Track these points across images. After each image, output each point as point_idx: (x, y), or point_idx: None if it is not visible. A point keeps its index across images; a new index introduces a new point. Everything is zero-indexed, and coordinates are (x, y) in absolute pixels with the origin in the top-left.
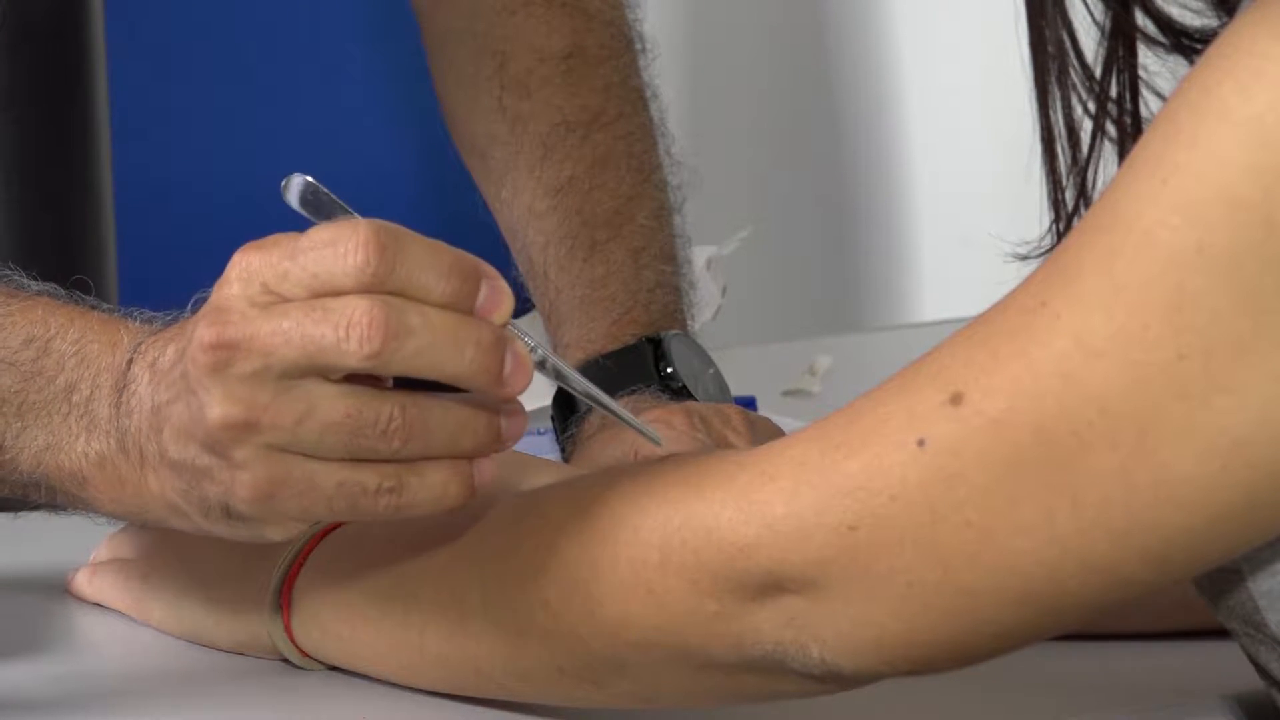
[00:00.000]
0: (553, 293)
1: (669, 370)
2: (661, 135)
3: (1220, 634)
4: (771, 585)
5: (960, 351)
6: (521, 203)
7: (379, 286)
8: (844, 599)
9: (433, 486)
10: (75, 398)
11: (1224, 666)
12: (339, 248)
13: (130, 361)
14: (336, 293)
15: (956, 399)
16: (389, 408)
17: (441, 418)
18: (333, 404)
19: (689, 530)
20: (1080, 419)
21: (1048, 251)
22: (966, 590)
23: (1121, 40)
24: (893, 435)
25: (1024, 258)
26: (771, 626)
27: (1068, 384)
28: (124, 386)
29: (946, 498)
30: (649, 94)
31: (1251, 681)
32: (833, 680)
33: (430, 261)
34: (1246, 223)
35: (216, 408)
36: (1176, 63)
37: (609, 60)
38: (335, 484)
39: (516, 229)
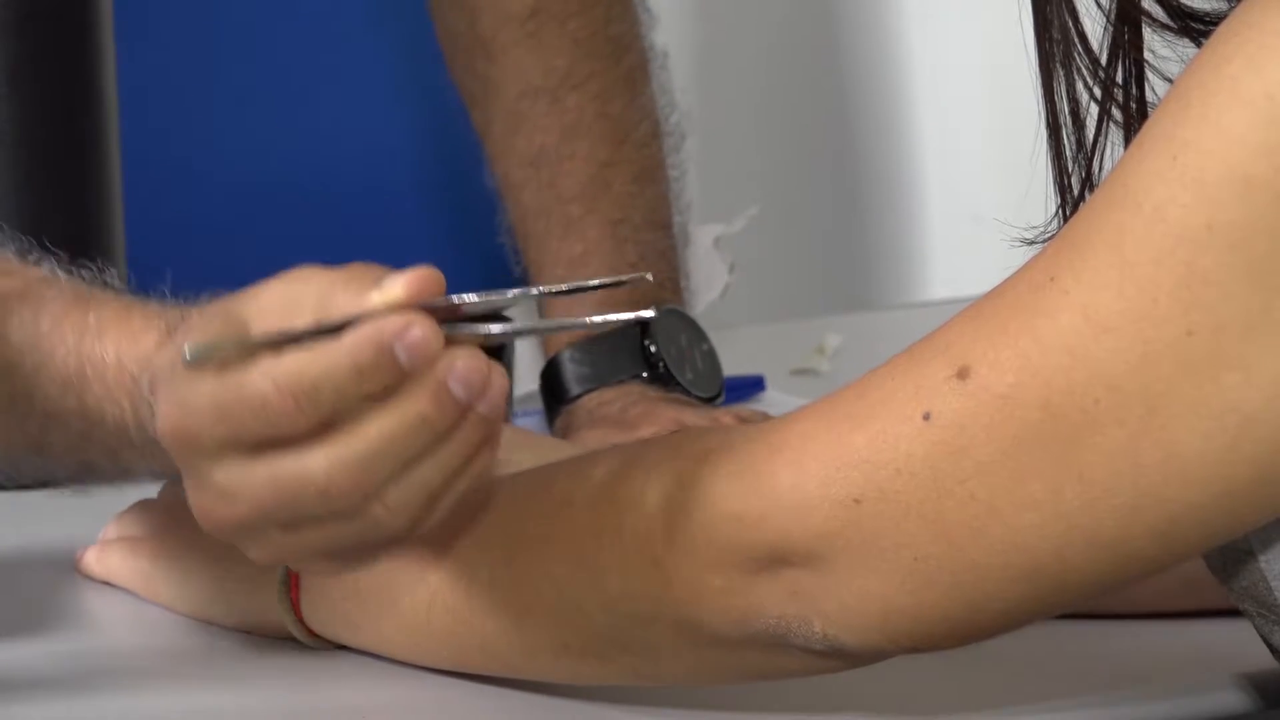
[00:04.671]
0: (533, 269)
1: (655, 350)
2: (646, 84)
3: (1233, 614)
4: (776, 558)
5: (968, 326)
6: (500, 170)
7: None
8: (848, 572)
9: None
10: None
11: (1236, 646)
12: (269, 410)
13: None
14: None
15: (963, 373)
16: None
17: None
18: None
19: (694, 503)
20: (1088, 395)
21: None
22: (971, 566)
23: (1128, 25)
24: (899, 409)
25: (1031, 243)
26: (775, 600)
27: (1076, 360)
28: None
29: (952, 472)
30: (630, 40)
31: (1265, 661)
32: (836, 657)
33: (344, 377)
34: (1257, 200)
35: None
36: (1184, 48)
37: (577, 15)
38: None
39: (499, 195)
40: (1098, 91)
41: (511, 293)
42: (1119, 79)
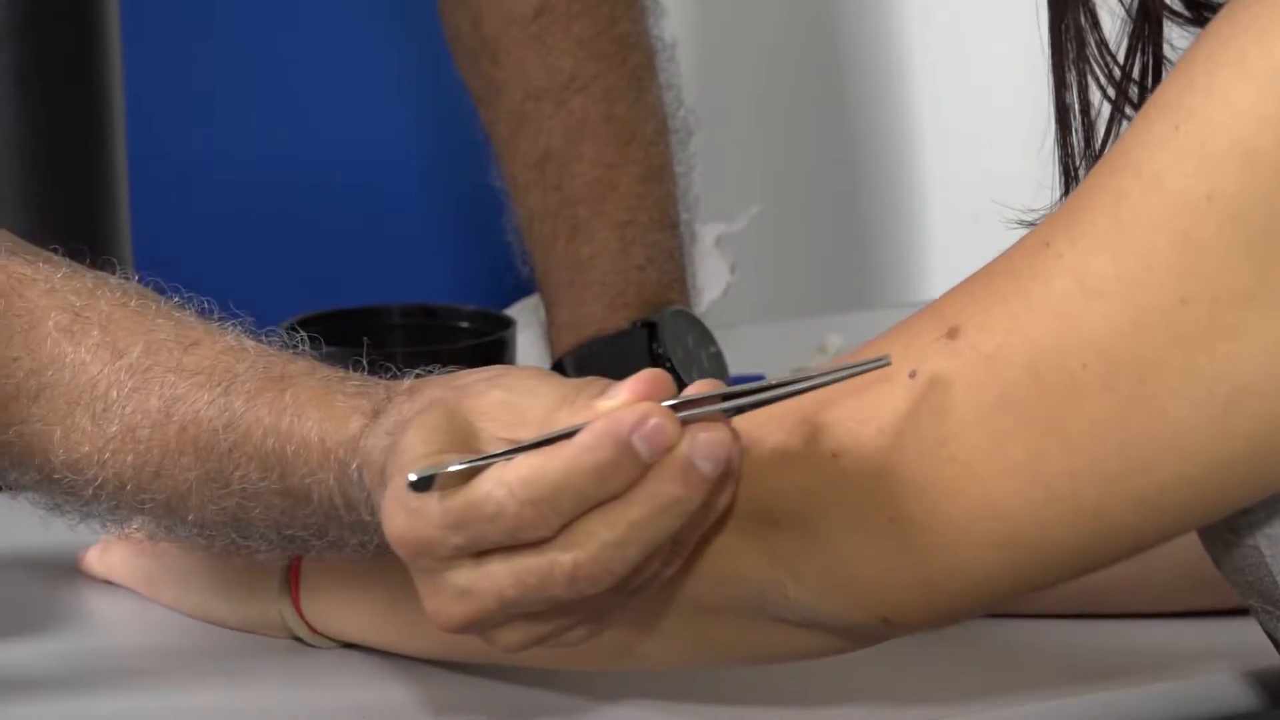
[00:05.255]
0: (540, 272)
1: (661, 352)
2: (652, 81)
3: (1240, 612)
4: (757, 516)
5: (963, 290)
6: (507, 171)
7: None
8: (824, 532)
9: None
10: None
11: (1243, 644)
12: (507, 520)
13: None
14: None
15: (953, 333)
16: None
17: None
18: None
19: None
20: (1076, 359)
21: None
22: (947, 529)
23: (1148, 20)
24: (888, 371)
25: (1031, 224)
26: (753, 562)
27: (1066, 323)
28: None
29: (933, 431)
30: (636, 38)
31: (1271, 659)
32: (814, 627)
33: (584, 479)
34: (1259, 172)
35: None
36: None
37: (581, 16)
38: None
39: (507, 196)
40: (1111, 91)
41: (731, 388)
42: (1135, 75)
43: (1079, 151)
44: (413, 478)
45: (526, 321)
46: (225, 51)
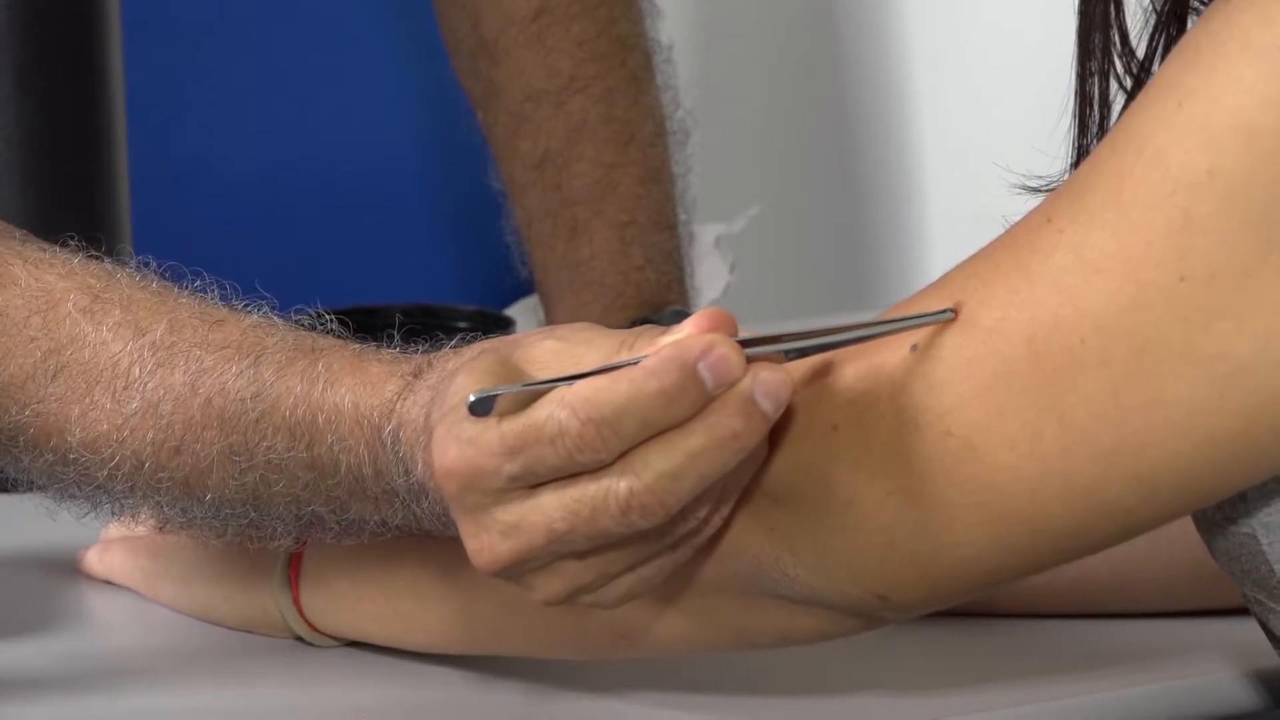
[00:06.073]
0: (539, 271)
1: None
2: (650, 82)
3: (1238, 611)
4: (756, 489)
5: (968, 265)
6: (505, 171)
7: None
8: (823, 506)
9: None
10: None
11: (1247, 644)
12: (568, 440)
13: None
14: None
15: (954, 307)
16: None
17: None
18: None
19: None
20: (1074, 334)
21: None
22: (942, 504)
23: (1175, 18)
24: (890, 342)
25: (1035, 190)
26: (753, 538)
27: (1065, 298)
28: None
29: (930, 405)
30: (634, 39)
31: (1271, 659)
32: (815, 605)
33: (648, 403)
34: (1260, 150)
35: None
36: None
37: (581, 17)
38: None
39: (505, 197)
40: (1128, 81)
41: (796, 328)
42: (1155, 69)
43: (1095, 136)
44: (472, 398)
45: (526, 322)
46: (225, 52)
